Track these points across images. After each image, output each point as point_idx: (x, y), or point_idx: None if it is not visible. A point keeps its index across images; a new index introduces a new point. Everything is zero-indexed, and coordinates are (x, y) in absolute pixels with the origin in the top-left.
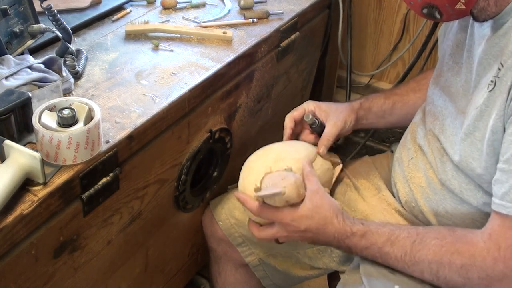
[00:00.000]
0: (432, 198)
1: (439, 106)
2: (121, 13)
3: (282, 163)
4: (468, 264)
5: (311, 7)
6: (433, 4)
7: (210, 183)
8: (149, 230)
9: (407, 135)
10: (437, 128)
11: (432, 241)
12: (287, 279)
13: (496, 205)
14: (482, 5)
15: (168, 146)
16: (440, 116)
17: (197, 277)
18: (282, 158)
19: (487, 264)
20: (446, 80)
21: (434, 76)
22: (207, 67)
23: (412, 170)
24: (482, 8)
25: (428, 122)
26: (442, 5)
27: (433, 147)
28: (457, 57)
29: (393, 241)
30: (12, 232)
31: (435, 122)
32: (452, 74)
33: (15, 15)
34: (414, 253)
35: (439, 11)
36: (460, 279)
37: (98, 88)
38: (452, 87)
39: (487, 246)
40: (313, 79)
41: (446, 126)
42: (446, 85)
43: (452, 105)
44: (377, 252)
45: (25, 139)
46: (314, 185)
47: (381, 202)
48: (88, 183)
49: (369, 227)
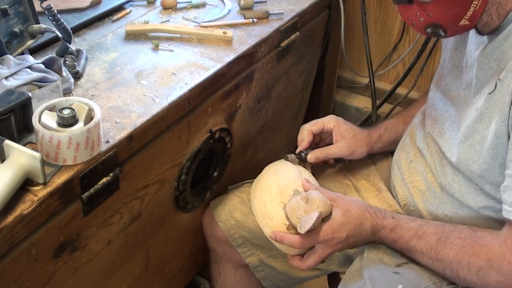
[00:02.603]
0: (432, 202)
1: (439, 109)
2: (121, 13)
3: (287, 191)
4: (485, 267)
5: (311, 7)
6: (436, 24)
7: (210, 183)
8: (149, 230)
9: (406, 138)
10: (436, 132)
11: (455, 241)
12: (287, 279)
13: (506, 212)
14: (486, 20)
15: (168, 146)
16: (439, 119)
17: (197, 277)
18: (283, 186)
19: (504, 269)
20: (447, 84)
21: (436, 79)
22: (207, 67)
23: (411, 174)
24: (486, 22)
25: (427, 125)
26: (445, 23)
27: (432, 150)
28: (456, 60)
29: (420, 235)
30: (12, 232)
31: (434, 125)
32: (452, 78)
33: (15, 15)
34: (438, 250)
35: (443, 29)
36: (478, 281)
37: (98, 88)
38: (453, 91)
39: (503, 251)
40: (313, 79)
41: (445, 130)
42: (447, 89)
43: (453, 109)
44: (404, 245)
45: (25, 139)
46: (330, 193)
47: (381, 203)
48: (88, 183)
49: (399, 221)
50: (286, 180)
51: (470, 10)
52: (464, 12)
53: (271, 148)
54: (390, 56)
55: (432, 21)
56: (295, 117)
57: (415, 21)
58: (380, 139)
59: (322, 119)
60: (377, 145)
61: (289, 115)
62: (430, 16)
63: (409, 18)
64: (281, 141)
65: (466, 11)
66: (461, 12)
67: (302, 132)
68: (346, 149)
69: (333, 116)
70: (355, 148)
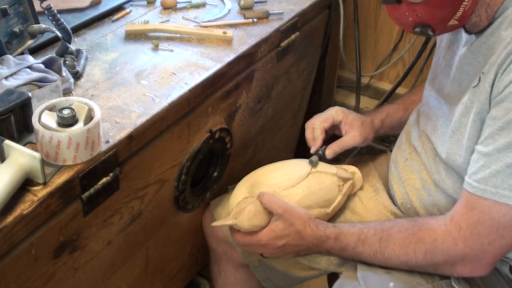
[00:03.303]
0: (427, 199)
1: (433, 107)
2: (121, 13)
3: (256, 189)
4: (431, 248)
5: (311, 7)
6: (425, 24)
7: (210, 183)
8: (149, 230)
9: (402, 136)
10: (429, 129)
11: (397, 235)
12: (287, 279)
13: (465, 183)
14: (474, 20)
15: (168, 146)
16: (433, 117)
17: (197, 277)
18: (258, 183)
19: (448, 245)
20: (440, 82)
21: (431, 78)
22: (207, 67)
23: (407, 172)
24: (474, 23)
25: (421, 123)
26: (434, 23)
27: (426, 147)
28: (449, 59)
29: (363, 240)
30: (12, 232)
31: (428, 122)
32: (444, 76)
33: (15, 15)
34: (383, 250)
35: (432, 29)
36: (428, 265)
37: (98, 88)
38: (445, 89)
39: (448, 229)
40: (313, 79)
41: (438, 127)
42: (440, 87)
43: (446, 106)
44: (352, 252)
45: (25, 139)
46: (279, 207)
47: (377, 204)
48: (88, 183)
49: (341, 229)
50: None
51: (460, 10)
52: (454, 13)
53: (271, 148)
54: (390, 56)
55: (421, 21)
56: (295, 117)
57: (403, 20)
58: (383, 125)
59: (329, 113)
60: (380, 130)
61: (289, 115)
62: (419, 16)
63: (397, 18)
64: (281, 141)
65: (456, 12)
66: (451, 13)
67: (314, 131)
68: (359, 138)
69: (338, 108)
70: (366, 135)
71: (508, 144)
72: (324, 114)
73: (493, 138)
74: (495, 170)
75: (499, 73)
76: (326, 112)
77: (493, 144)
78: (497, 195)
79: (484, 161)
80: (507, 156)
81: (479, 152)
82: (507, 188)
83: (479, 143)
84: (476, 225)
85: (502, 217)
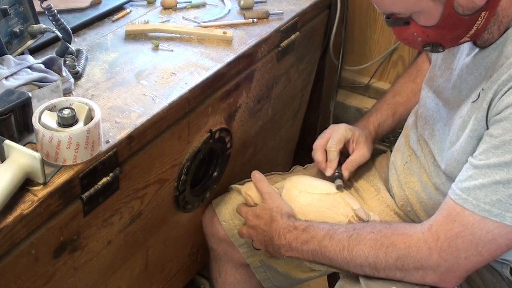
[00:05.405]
0: (427, 202)
1: (431, 110)
2: (121, 13)
3: None
4: (403, 255)
5: (311, 7)
6: (436, 43)
7: (210, 183)
8: (149, 230)
9: (401, 139)
10: (427, 133)
11: (368, 236)
12: (288, 280)
13: (450, 188)
14: (487, 37)
15: (168, 146)
16: (430, 120)
17: (197, 277)
18: None
19: (422, 254)
20: (439, 85)
21: (428, 79)
22: (207, 67)
23: (407, 175)
24: (487, 40)
25: (419, 127)
26: (445, 42)
27: (425, 151)
28: (449, 62)
29: (331, 235)
30: (12, 232)
31: (425, 126)
32: (444, 80)
33: (15, 15)
34: (352, 248)
35: (442, 47)
36: (397, 271)
37: (98, 88)
38: (444, 92)
39: (425, 237)
40: (313, 79)
41: (436, 132)
42: (439, 90)
43: (444, 110)
44: (317, 245)
45: (25, 139)
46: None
47: (380, 203)
48: (88, 183)
49: (312, 223)
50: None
51: (473, 29)
52: (467, 32)
53: (271, 148)
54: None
55: (432, 41)
56: (295, 117)
57: (411, 40)
58: (376, 135)
59: (340, 133)
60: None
61: (289, 115)
62: (429, 37)
63: (405, 39)
64: (281, 141)
65: (469, 31)
66: (464, 33)
67: (330, 153)
68: (368, 154)
69: (343, 125)
70: (370, 149)
71: (500, 163)
72: (335, 136)
73: (486, 154)
74: (481, 184)
75: (499, 93)
76: (335, 132)
77: (485, 160)
78: (477, 208)
79: (473, 172)
80: (496, 174)
81: (470, 163)
82: (488, 203)
83: (473, 157)
84: (455, 238)
85: (485, 234)
